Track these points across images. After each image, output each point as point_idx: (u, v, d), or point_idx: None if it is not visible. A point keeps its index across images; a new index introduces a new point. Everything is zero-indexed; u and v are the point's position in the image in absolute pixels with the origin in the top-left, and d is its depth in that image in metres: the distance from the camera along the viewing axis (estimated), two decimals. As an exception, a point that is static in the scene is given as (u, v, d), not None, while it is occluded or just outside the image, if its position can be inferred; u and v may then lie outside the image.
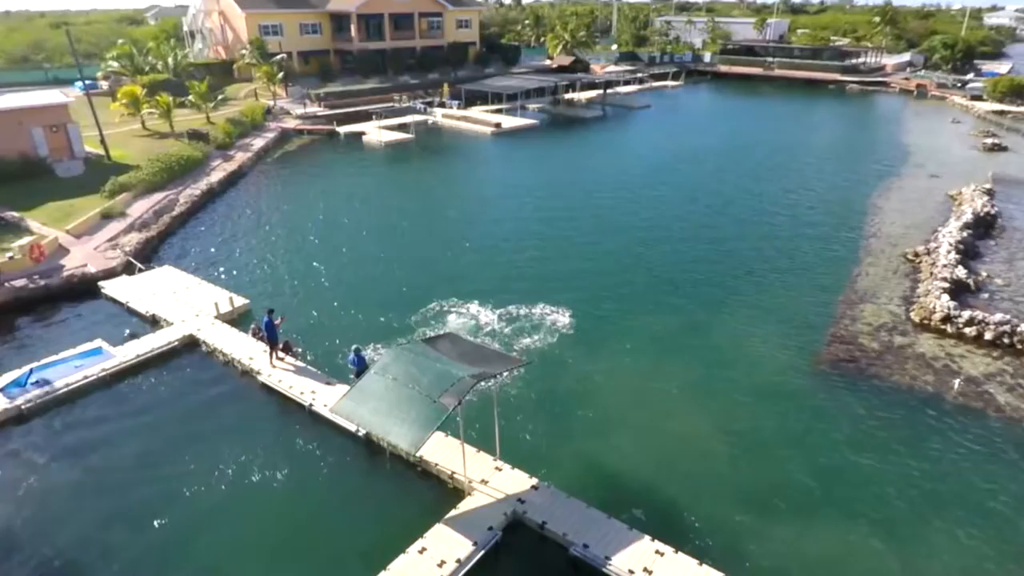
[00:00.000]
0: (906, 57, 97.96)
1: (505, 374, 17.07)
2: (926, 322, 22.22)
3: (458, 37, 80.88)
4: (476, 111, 61.22)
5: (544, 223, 32.47)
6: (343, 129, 54.10)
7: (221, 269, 27.19)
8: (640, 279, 26.13)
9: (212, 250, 29.39)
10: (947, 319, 21.89)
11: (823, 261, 28.07)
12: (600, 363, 19.92)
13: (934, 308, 22.33)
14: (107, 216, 30.69)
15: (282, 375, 18.79)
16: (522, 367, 15.11)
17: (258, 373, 19.02)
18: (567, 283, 25.37)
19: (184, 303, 23.16)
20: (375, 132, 52.11)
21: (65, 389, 18.21)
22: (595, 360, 20.04)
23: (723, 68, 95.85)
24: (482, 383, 14.46)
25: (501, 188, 35.95)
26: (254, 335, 20.72)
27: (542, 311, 22.76)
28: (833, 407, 17.96)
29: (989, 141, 50.09)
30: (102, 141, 39.91)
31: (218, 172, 40.23)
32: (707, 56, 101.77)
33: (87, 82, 62.30)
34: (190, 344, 20.97)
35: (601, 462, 15.81)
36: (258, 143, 48.23)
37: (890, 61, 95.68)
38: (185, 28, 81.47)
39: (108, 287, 24.57)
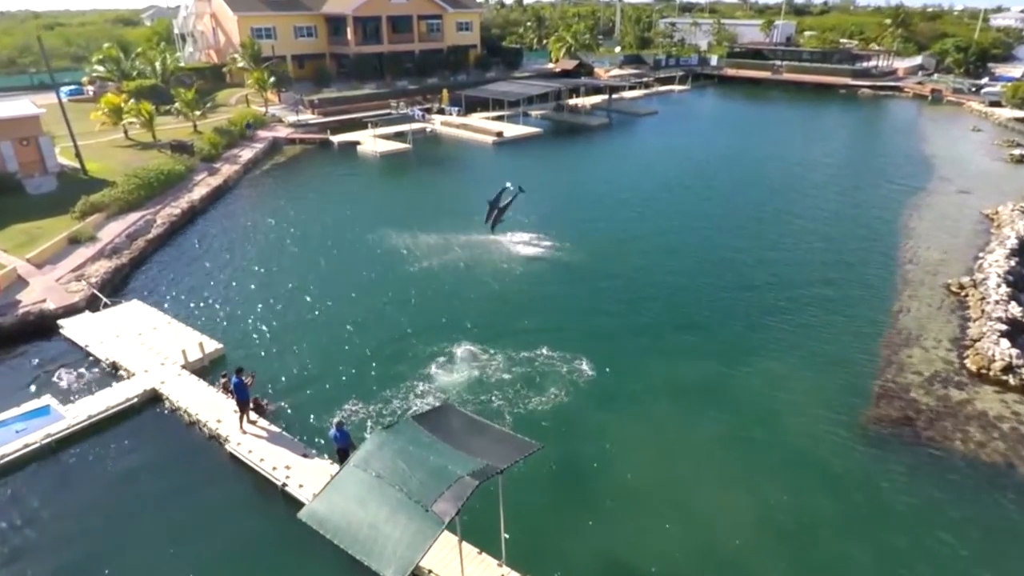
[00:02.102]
0: (918, 60, 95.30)
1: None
2: (984, 371, 19.68)
3: (458, 40, 78.17)
4: (477, 119, 58.61)
5: (550, 253, 29.65)
6: (337, 138, 51.61)
7: (193, 304, 24.60)
8: (659, 320, 23.50)
9: (186, 281, 26.82)
10: (1009, 369, 19.38)
11: (858, 293, 25.49)
12: (619, 430, 17.36)
13: (993, 355, 19.81)
14: (75, 241, 28.15)
15: (253, 443, 16.26)
16: (534, 453, 12.57)
17: (226, 440, 16.51)
18: (577, 325, 22.77)
19: (149, 348, 20.63)
20: (370, 142, 49.50)
21: (-1, 462, 15.77)
22: (613, 426, 17.47)
23: (730, 71, 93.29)
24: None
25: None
26: (224, 390, 18.26)
27: (548, 359, 20.17)
28: (888, 486, 15.40)
29: (1016, 152, 47.44)
30: (77, 154, 37.32)
31: (201, 187, 37.72)
32: (713, 59, 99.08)
33: (73, 87, 60.16)
34: (152, 400, 18.48)
35: (626, 565, 13.28)
36: (246, 154, 45.69)
37: (901, 64, 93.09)
38: (176, 31, 78.93)
39: (67, 327, 22.06)
